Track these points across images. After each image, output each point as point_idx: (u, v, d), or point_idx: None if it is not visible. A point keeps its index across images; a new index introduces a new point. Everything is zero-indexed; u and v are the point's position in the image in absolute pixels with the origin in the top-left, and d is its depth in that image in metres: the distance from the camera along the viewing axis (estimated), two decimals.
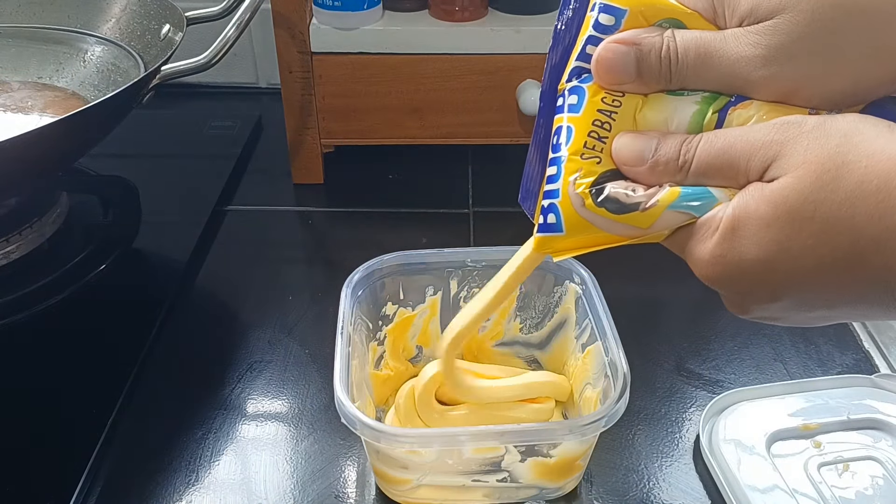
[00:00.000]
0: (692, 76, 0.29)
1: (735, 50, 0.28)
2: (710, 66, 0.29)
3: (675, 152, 0.29)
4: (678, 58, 0.29)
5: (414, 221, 0.69)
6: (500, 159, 0.74)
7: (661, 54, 0.29)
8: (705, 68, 0.29)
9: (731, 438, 0.46)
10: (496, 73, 0.68)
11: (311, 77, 0.68)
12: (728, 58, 0.28)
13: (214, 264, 0.63)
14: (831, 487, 0.44)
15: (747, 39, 0.28)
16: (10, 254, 0.58)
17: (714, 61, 0.29)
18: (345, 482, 0.45)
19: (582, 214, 0.31)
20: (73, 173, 0.69)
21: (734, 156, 0.28)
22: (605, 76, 0.30)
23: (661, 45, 0.29)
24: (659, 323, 0.58)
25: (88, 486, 0.44)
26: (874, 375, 0.51)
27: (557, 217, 0.31)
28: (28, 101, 0.65)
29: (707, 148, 0.29)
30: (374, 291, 0.48)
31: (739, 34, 0.28)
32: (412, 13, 0.69)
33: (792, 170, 0.27)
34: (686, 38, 0.29)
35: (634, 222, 0.30)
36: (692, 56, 0.29)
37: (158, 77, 0.59)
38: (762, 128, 0.28)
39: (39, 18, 0.70)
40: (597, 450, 0.44)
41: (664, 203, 0.30)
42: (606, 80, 0.30)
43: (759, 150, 0.28)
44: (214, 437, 0.48)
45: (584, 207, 0.30)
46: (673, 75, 0.29)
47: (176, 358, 0.54)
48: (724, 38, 0.29)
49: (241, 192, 0.73)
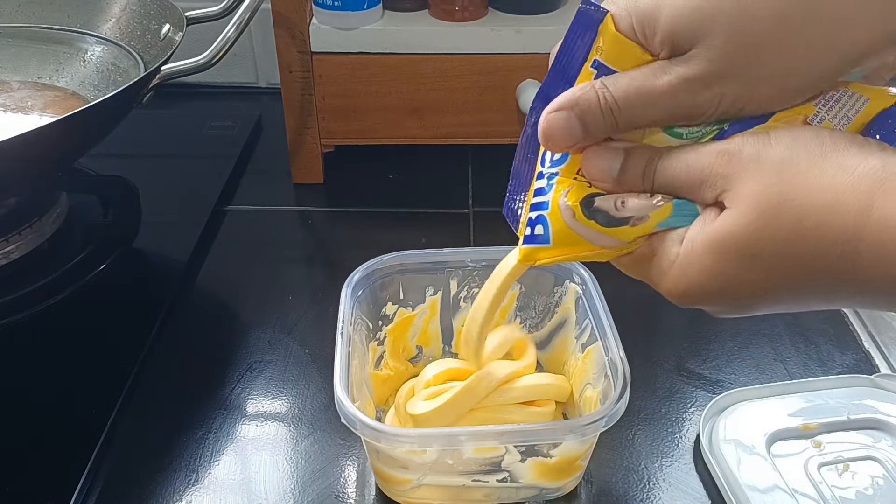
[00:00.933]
0: (638, 115, 0.30)
1: (669, 81, 0.29)
2: (652, 104, 0.29)
3: (640, 173, 0.30)
4: (617, 104, 0.29)
5: (414, 221, 0.69)
6: (500, 159, 0.73)
7: (600, 107, 0.30)
8: (648, 106, 0.29)
9: (731, 438, 0.46)
10: (496, 73, 0.68)
11: (311, 77, 0.68)
12: (666, 90, 0.29)
13: (214, 264, 0.63)
14: (831, 487, 0.44)
15: (676, 71, 0.28)
16: (10, 254, 0.58)
17: (655, 97, 0.29)
18: (345, 482, 0.45)
19: (571, 226, 0.31)
20: (73, 173, 0.69)
21: (687, 182, 0.29)
22: (556, 144, 0.31)
23: (598, 98, 0.29)
24: (659, 323, 0.58)
25: (88, 486, 0.44)
26: (874, 375, 0.51)
27: (546, 228, 0.32)
28: (28, 100, 0.65)
29: (663, 172, 0.30)
30: (374, 291, 0.48)
31: (667, 66, 0.29)
32: (412, 13, 0.69)
33: (736, 204, 0.27)
34: (619, 83, 0.29)
35: (622, 236, 0.31)
36: (632, 97, 0.29)
37: (158, 77, 0.59)
38: (707, 155, 0.29)
39: (39, 18, 0.70)
40: (597, 450, 0.44)
41: (654, 220, 0.30)
42: (558, 147, 0.31)
43: (708, 179, 0.28)
44: (214, 437, 0.48)
45: (574, 219, 0.31)
46: (619, 121, 0.30)
47: (176, 358, 0.54)
48: (654, 73, 0.29)
49: (240, 191, 0.73)
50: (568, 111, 0.30)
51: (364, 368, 0.47)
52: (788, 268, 0.27)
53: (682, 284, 0.29)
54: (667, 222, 0.30)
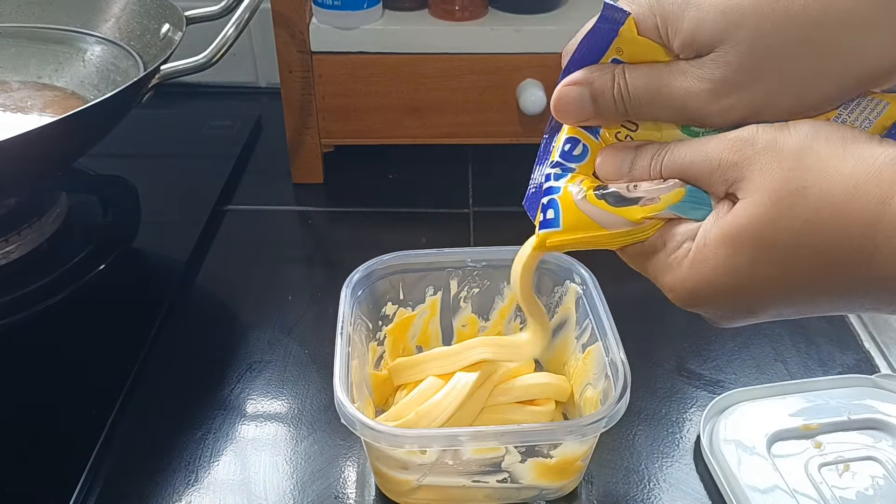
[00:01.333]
0: (647, 110, 0.30)
1: (683, 85, 0.29)
2: (661, 102, 0.30)
3: (647, 167, 0.30)
4: (629, 94, 0.30)
5: (414, 221, 0.69)
6: (500, 159, 0.74)
7: (612, 93, 0.30)
8: (658, 104, 0.30)
9: (731, 439, 0.46)
10: (496, 72, 0.67)
11: (310, 77, 0.67)
12: (678, 93, 0.29)
13: (214, 264, 0.63)
14: (832, 488, 0.44)
15: (693, 74, 0.29)
16: (10, 254, 0.58)
17: (664, 98, 0.29)
18: (345, 482, 0.45)
19: (580, 206, 0.31)
20: (73, 173, 0.69)
21: (697, 173, 0.29)
22: (565, 116, 0.32)
23: (612, 84, 0.30)
24: (659, 323, 0.58)
25: (88, 486, 0.44)
26: (875, 375, 0.51)
27: (556, 212, 0.32)
28: (28, 100, 0.65)
29: (671, 165, 0.30)
30: (374, 291, 0.48)
31: (685, 68, 0.29)
32: (412, 12, 0.69)
33: (750, 193, 0.27)
34: (635, 75, 0.30)
35: (629, 215, 0.31)
36: (643, 92, 0.30)
37: (158, 76, 0.59)
38: (717, 144, 0.28)
39: (39, 18, 0.70)
40: (597, 450, 0.44)
41: (666, 202, 0.30)
42: (567, 119, 0.32)
43: (718, 170, 0.28)
44: (214, 438, 0.48)
45: (583, 200, 0.31)
46: (629, 110, 0.30)
47: (176, 358, 0.54)
48: (671, 73, 0.29)
49: (240, 191, 0.73)
50: (582, 87, 0.31)
51: (364, 369, 0.47)
52: (803, 260, 0.26)
53: (690, 282, 0.29)
54: (679, 207, 0.30)
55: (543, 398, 0.46)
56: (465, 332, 0.52)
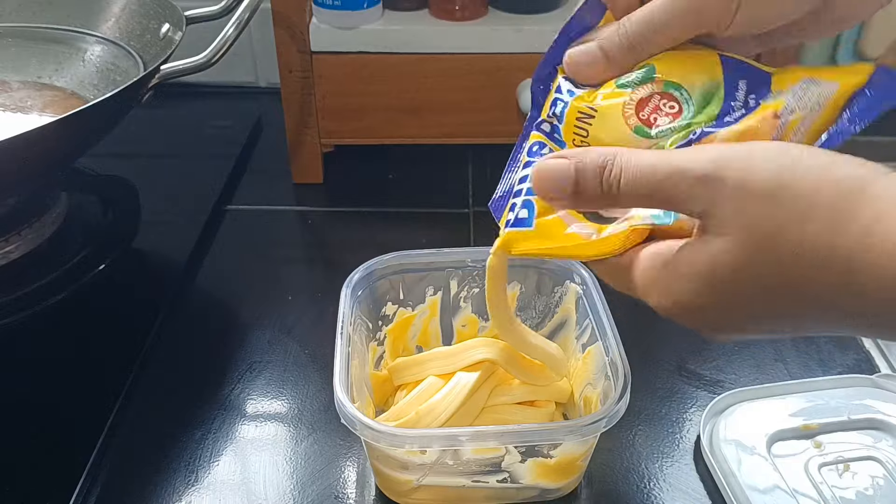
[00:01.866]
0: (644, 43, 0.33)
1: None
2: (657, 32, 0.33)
3: (596, 187, 0.29)
4: (632, 28, 0.33)
5: (414, 221, 0.69)
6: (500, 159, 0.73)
7: (618, 34, 0.34)
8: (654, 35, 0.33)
9: (731, 439, 0.46)
10: (496, 72, 0.67)
11: (310, 76, 0.67)
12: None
13: (214, 264, 0.63)
14: (832, 488, 0.44)
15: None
16: (10, 254, 0.58)
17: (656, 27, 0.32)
18: (345, 482, 0.45)
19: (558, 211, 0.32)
20: (73, 173, 0.69)
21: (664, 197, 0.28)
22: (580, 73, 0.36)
23: (616, 30, 0.34)
24: (659, 323, 0.57)
25: (88, 486, 0.44)
26: (875, 375, 0.51)
27: (531, 211, 0.32)
28: (28, 100, 0.65)
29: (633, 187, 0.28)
30: (374, 291, 0.48)
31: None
32: (412, 12, 0.69)
33: (723, 232, 0.26)
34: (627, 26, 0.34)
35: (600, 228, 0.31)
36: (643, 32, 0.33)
37: (158, 76, 0.59)
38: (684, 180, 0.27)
39: (39, 18, 0.70)
40: (597, 450, 0.44)
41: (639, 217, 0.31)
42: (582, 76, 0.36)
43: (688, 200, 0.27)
44: (214, 438, 0.48)
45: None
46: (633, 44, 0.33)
47: (176, 358, 0.54)
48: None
49: (240, 191, 0.73)
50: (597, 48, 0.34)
51: (364, 369, 0.47)
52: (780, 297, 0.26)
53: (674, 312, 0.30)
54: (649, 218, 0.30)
55: (543, 398, 0.46)
56: (465, 332, 0.52)
